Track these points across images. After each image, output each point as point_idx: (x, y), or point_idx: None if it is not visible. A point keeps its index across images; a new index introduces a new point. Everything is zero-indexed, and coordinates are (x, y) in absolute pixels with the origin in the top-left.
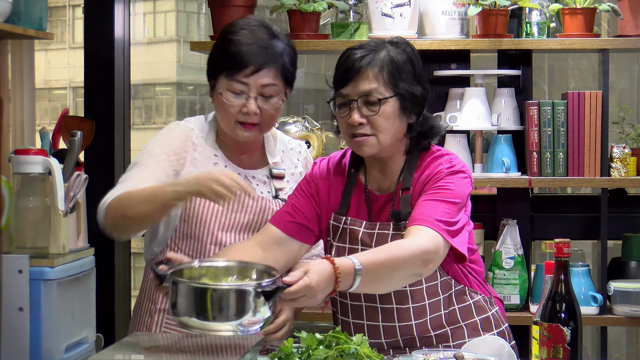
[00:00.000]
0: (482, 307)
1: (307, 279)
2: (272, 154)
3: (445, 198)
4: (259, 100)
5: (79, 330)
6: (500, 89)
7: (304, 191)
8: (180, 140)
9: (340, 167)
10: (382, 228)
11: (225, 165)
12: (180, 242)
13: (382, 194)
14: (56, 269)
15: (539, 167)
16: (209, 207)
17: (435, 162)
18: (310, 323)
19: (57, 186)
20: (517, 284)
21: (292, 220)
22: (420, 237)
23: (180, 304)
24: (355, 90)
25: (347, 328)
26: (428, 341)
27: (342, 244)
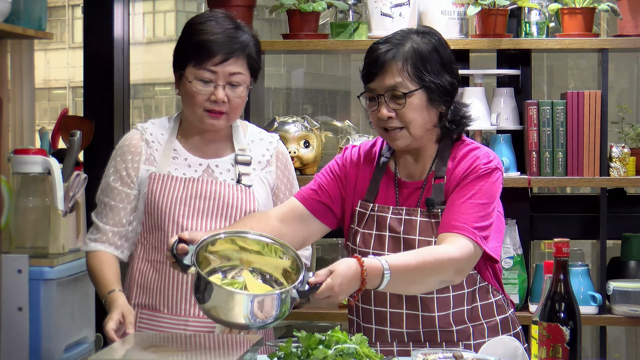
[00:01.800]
0: (502, 307)
1: (331, 282)
2: (239, 141)
3: (482, 200)
4: (226, 88)
5: (79, 330)
6: (499, 88)
7: (333, 172)
8: (129, 151)
9: (371, 155)
10: (409, 213)
11: (185, 158)
12: (148, 235)
13: (411, 181)
14: (56, 268)
15: (538, 166)
16: (169, 196)
17: (472, 155)
18: (309, 323)
19: (56, 186)
20: (517, 284)
21: (317, 199)
22: (454, 246)
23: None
24: (381, 85)
25: (368, 316)
26: (449, 336)
27: (369, 231)
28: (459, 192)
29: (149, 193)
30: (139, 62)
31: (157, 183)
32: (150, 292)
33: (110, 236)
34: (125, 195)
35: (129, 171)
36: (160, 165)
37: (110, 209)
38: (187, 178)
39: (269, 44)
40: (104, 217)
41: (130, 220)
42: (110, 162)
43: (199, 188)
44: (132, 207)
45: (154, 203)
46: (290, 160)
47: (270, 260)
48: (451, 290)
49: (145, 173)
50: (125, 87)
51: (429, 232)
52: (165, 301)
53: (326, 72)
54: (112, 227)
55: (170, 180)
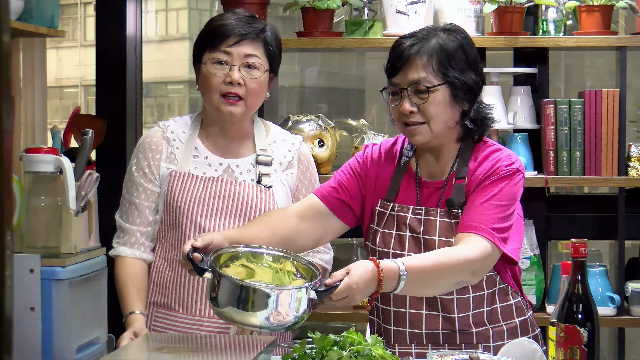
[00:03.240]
0: (521, 309)
1: (348, 281)
2: (261, 141)
3: (502, 202)
4: (242, 70)
5: (91, 331)
6: (516, 87)
7: (353, 170)
8: (150, 149)
9: (392, 153)
10: (429, 213)
11: (205, 157)
12: (166, 233)
13: (432, 181)
14: (67, 268)
15: (556, 166)
16: (188, 195)
17: (494, 156)
18: (324, 324)
19: (68, 185)
20: (534, 285)
21: (337, 197)
22: (471, 247)
23: (226, 298)
24: (404, 79)
25: (387, 317)
26: (468, 338)
27: (389, 230)
28: (479, 193)
29: (168, 191)
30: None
31: (176, 181)
32: (166, 290)
33: (138, 236)
34: (150, 193)
35: (152, 168)
36: (181, 164)
37: (136, 208)
38: (207, 177)
39: (283, 42)
40: (130, 216)
41: (156, 219)
42: (132, 160)
43: (219, 188)
44: (156, 206)
45: (173, 201)
46: (312, 162)
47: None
48: (471, 292)
49: (165, 171)
50: (137, 85)
51: (449, 233)
52: (180, 300)
53: (341, 70)
54: (139, 227)
55: (190, 179)
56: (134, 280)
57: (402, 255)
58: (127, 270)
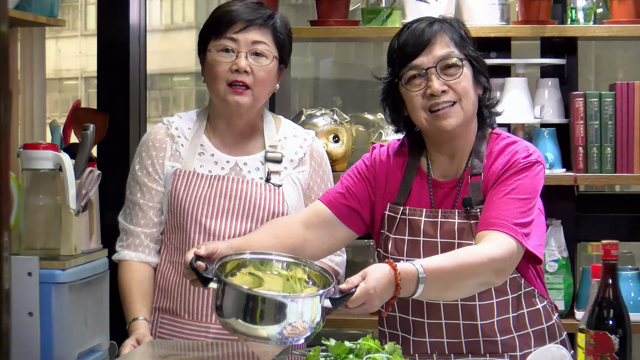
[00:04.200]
0: (548, 313)
1: (365, 286)
2: (271, 137)
3: (521, 195)
4: (249, 58)
5: (92, 337)
6: (543, 79)
7: (361, 174)
8: (153, 147)
9: (400, 154)
10: (446, 216)
11: (211, 154)
12: (171, 235)
13: (446, 181)
14: (67, 271)
15: (585, 163)
16: (193, 195)
17: (510, 149)
18: (339, 330)
19: (68, 183)
20: (562, 289)
21: (345, 203)
22: (493, 245)
23: (232, 308)
24: (431, 58)
25: (406, 326)
26: (493, 347)
27: (401, 236)
28: (497, 188)
29: (172, 190)
30: (157, 51)
31: (181, 180)
32: (171, 295)
33: (142, 239)
34: (155, 193)
35: (155, 167)
36: (186, 162)
37: (140, 208)
38: (213, 176)
39: (296, 31)
40: (134, 217)
41: (161, 220)
42: (135, 158)
43: (225, 187)
44: (161, 207)
45: (177, 201)
46: (326, 159)
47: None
48: (494, 297)
49: (170, 169)
50: (141, 77)
51: (469, 235)
52: (186, 306)
53: (357, 61)
54: (143, 229)
55: (195, 177)
56: (138, 285)
57: None
58: (132, 274)
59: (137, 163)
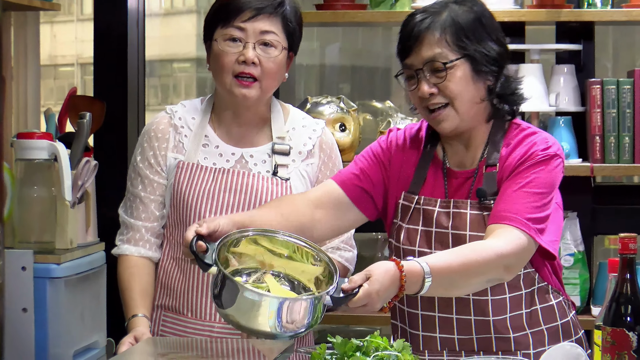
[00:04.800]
0: (563, 309)
1: (368, 288)
2: (279, 128)
3: (538, 189)
4: (257, 48)
5: (89, 334)
6: (558, 65)
7: (376, 157)
8: (155, 137)
9: (417, 140)
10: (458, 206)
11: (216, 146)
12: (173, 230)
13: (462, 171)
14: (63, 265)
15: (602, 153)
16: (196, 188)
17: (528, 140)
18: (345, 327)
19: (64, 174)
20: (578, 284)
21: (358, 184)
22: (502, 240)
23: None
24: (418, 59)
25: (414, 321)
26: (506, 345)
27: (414, 226)
28: (512, 180)
29: (175, 183)
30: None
31: (184, 173)
32: (174, 293)
33: (143, 233)
34: (156, 186)
35: (158, 158)
36: (189, 154)
37: (141, 201)
38: (217, 169)
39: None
40: (135, 210)
41: (163, 214)
42: (137, 149)
43: (230, 180)
44: (163, 200)
45: (179, 195)
46: (336, 151)
47: (300, 266)
48: (507, 292)
49: (173, 161)
50: (140, 64)
51: (481, 227)
52: (189, 304)
53: (364, 47)
54: (144, 223)
55: (199, 170)
56: (138, 280)
57: (428, 254)
58: (131, 270)
59: (139, 154)
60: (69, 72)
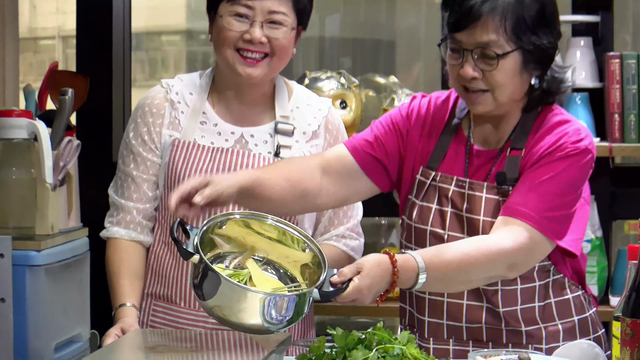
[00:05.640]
0: (581, 305)
1: (358, 283)
2: (283, 107)
3: (561, 186)
4: (265, 28)
5: (71, 326)
6: (574, 38)
7: (394, 124)
8: (150, 112)
9: (442, 111)
10: (473, 188)
11: (215, 124)
12: (166, 212)
13: (486, 150)
14: (44, 252)
15: (621, 132)
16: (192, 168)
17: (560, 129)
18: (346, 319)
19: (44, 154)
20: (595, 272)
21: (371, 153)
22: (509, 236)
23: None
24: (470, 40)
25: (421, 306)
26: (516, 338)
27: (428, 204)
28: (535, 171)
29: (170, 162)
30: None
31: (179, 151)
32: (166, 280)
33: (134, 214)
34: (150, 164)
35: (152, 135)
36: (186, 131)
37: (133, 181)
38: (216, 148)
39: None
40: (126, 190)
41: (156, 195)
42: (130, 124)
43: (229, 160)
44: (156, 180)
45: (174, 175)
46: (343, 132)
47: (288, 251)
48: (519, 283)
49: (168, 139)
50: (125, 36)
51: (496, 213)
52: (182, 292)
53: (367, 18)
54: (135, 204)
55: (195, 149)
56: (128, 266)
57: (441, 235)
58: (121, 254)
59: (132, 130)
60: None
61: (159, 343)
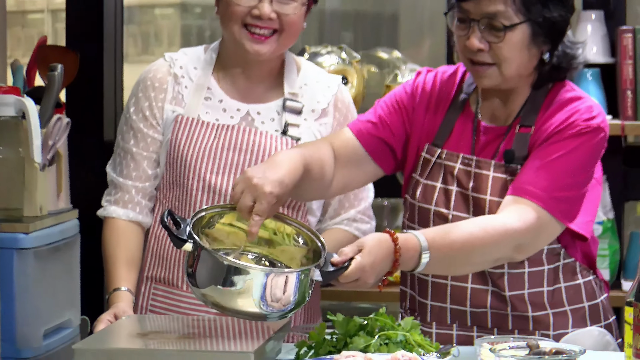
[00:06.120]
0: (592, 290)
1: (361, 261)
2: (291, 84)
3: (571, 165)
4: (274, 3)
5: (61, 312)
6: (585, 11)
7: (398, 102)
8: (152, 87)
9: (449, 85)
10: (480, 166)
11: (220, 100)
12: (168, 192)
13: (494, 126)
14: (32, 235)
15: (634, 109)
16: (197, 145)
17: (572, 106)
18: (347, 304)
19: (32, 132)
20: (607, 256)
21: (376, 135)
22: (517, 216)
23: (207, 277)
24: (477, 9)
25: (423, 289)
26: (523, 324)
27: (433, 182)
28: (545, 149)
29: (172, 140)
30: None
31: (183, 128)
32: (167, 263)
33: (133, 194)
34: (150, 141)
35: (153, 110)
36: (189, 107)
37: (132, 158)
38: (220, 125)
39: None
40: (125, 168)
41: (156, 173)
42: (130, 99)
43: (234, 138)
44: (157, 157)
45: (177, 153)
46: (353, 110)
47: (281, 248)
48: (527, 266)
49: (170, 115)
50: (117, 10)
51: (503, 193)
52: (184, 275)
53: None
54: (134, 183)
55: (199, 126)
56: (124, 248)
57: (445, 215)
58: (118, 236)
59: (132, 104)
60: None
61: (153, 329)
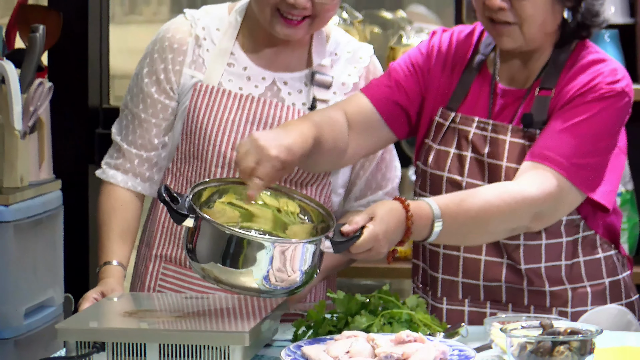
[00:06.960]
0: (614, 266)
1: (374, 229)
2: (320, 54)
3: (593, 130)
4: None
5: (43, 289)
6: None
7: (413, 64)
8: (170, 48)
9: (466, 46)
10: (497, 130)
11: (244, 67)
12: (182, 164)
13: (512, 89)
14: (12, 207)
15: None
16: (218, 116)
17: (595, 68)
18: (348, 281)
19: (12, 98)
20: (626, 230)
21: (392, 99)
22: (535, 183)
23: (208, 251)
24: None
25: (435, 261)
26: (539, 299)
27: (446, 148)
28: (566, 113)
29: (190, 108)
30: None
31: (202, 96)
32: (178, 241)
33: (136, 163)
34: (161, 108)
35: (169, 74)
36: (210, 73)
37: (139, 124)
38: (244, 95)
39: None
40: (130, 134)
41: (164, 142)
42: (144, 59)
43: (259, 110)
44: (167, 125)
45: (195, 123)
46: None
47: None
48: (544, 238)
49: (189, 80)
50: None
51: (521, 159)
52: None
53: None
54: (139, 151)
55: (221, 95)
56: (120, 217)
57: (458, 182)
58: (114, 203)
59: (146, 65)
60: None
61: (142, 308)
